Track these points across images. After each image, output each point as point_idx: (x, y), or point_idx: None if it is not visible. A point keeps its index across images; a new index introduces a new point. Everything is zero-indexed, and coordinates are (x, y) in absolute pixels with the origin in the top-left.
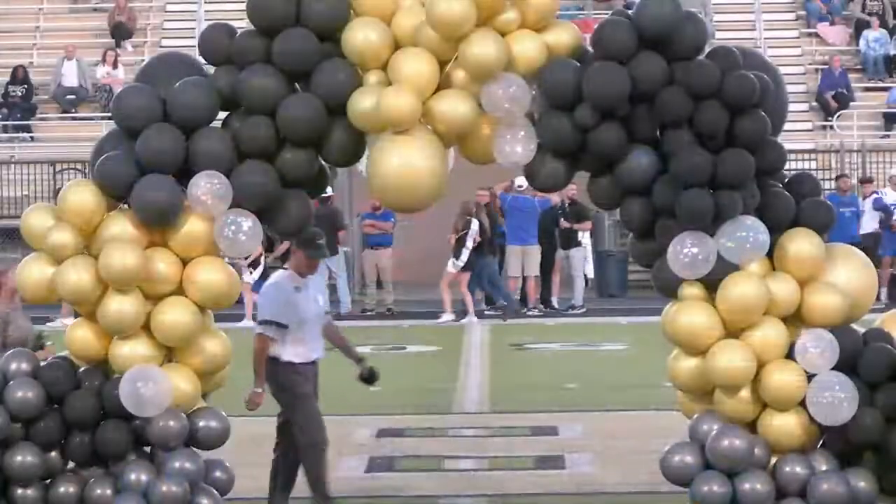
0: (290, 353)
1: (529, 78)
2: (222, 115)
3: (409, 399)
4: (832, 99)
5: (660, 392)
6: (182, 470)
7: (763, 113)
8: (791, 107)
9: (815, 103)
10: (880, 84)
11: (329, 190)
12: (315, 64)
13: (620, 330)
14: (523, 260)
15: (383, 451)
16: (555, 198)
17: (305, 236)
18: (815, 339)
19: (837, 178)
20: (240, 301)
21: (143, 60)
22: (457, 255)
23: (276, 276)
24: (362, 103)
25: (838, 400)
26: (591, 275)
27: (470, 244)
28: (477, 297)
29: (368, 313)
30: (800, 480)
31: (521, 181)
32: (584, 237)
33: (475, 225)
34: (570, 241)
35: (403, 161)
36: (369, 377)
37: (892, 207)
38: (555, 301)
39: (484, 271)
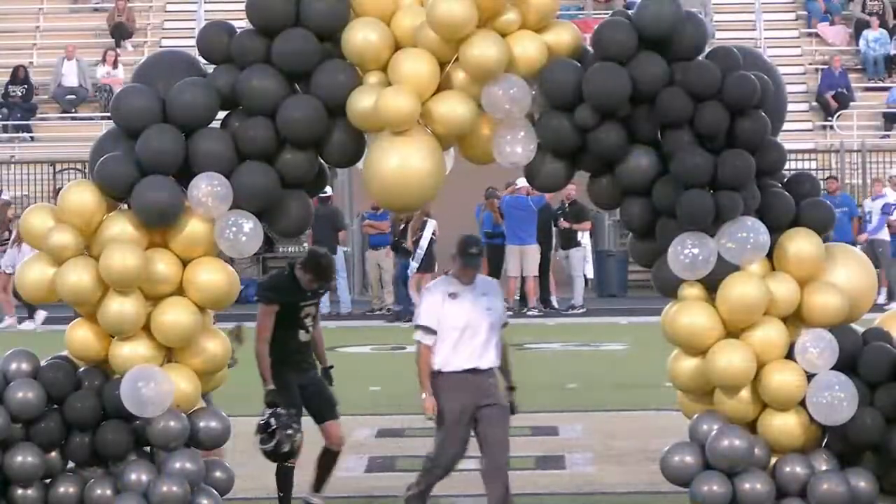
0: (439, 361)
1: (530, 78)
2: (221, 114)
3: (408, 399)
4: (832, 99)
5: (660, 392)
6: (182, 470)
7: (763, 113)
8: (791, 107)
9: (815, 103)
10: (880, 84)
11: (329, 190)
12: (315, 64)
13: (620, 330)
14: (521, 260)
15: (383, 451)
16: (548, 196)
17: (461, 243)
18: (814, 339)
19: (826, 179)
20: None
21: (142, 60)
22: (412, 257)
23: (436, 280)
24: (361, 102)
25: (838, 400)
26: (590, 275)
27: (424, 244)
28: None
29: (376, 313)
30: (799, 480)
31: (520, 181)
32: (584, 237)
33: (430, 225)
34: (570, 241)
35: (401, 161)
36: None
37: (893, 208)
38: (554, 301)
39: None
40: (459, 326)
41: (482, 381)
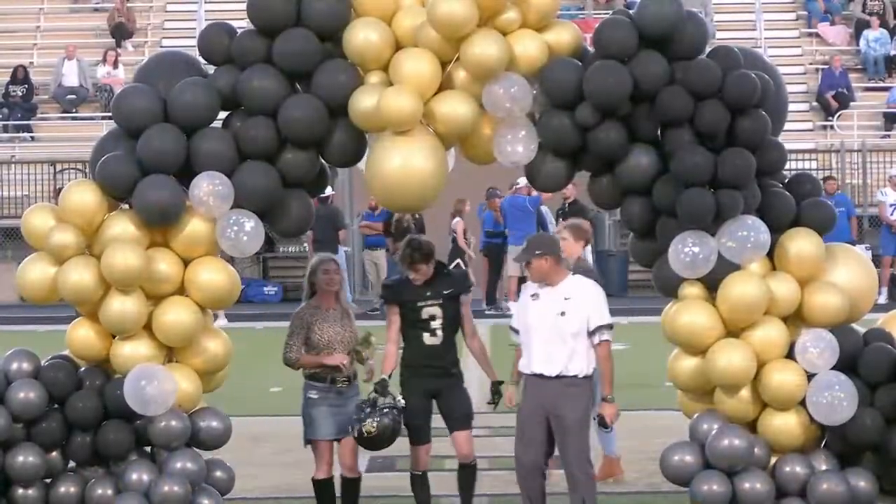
0: (520, 361)
1: (531, 77)
2: (222, 114)
3: None
4: (832, 99)
5: (660, 392)
6: (183, 470)
7: (764, 113)
8: (791, 107)
9: (815, 103)
10: (880, 84)
11: (329, 189)
12: (316, 64)
13: (620, 330)
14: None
15: (383, 450)
16: (545, 195)
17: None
18: (815, 339)
19: (824, 179)
20: None
21: (143, 60)
22: None
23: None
24: (363, 102)
25: (838, 400)
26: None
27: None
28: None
29: (377, 312)
30: (799, 480)
31: (521, 180)
32: None
33: (454, 224)
34: None
35: (403, 161)
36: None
37: (892, 208)
38: None
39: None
40: (528, 328)
41: (549, 389)
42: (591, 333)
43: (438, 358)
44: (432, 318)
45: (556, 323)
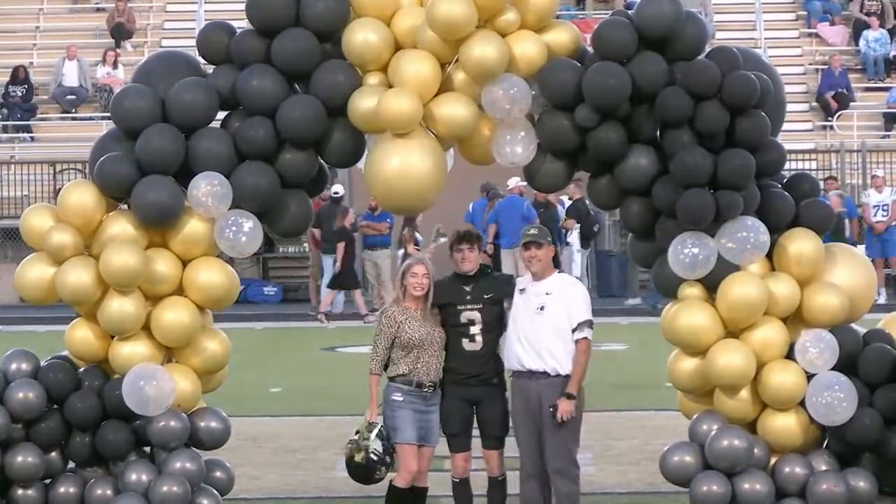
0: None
1: (530, 78)
2: (221, 114)
3: None
4: (832, 99)
5: (660, 392)
6: (183, 470)
7: (763, 113)
8: (791, 107)
9: (815, 103)
10: (880, 84)
11: (340, 190)
12: (315, 64)
13: (620, 330)
14: (517, 261)
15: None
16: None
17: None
18: (814, 339)
19: (825, 179)
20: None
21: (143, 60)
22: None
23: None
24: (363, 104)
25: (837, 400)
26: (577, 273)
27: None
28: None
29: (375, 313)
30: (799, 481)
31: (511, 181)
32: (573, 236)
33: None
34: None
35: (402, 162)
36: None
37: (875, 209)
38: None
39: None
40: (513, 322)
41: (533, 386)
42: (573, 330)
43: (478, 365)
44: (471, 322)
45: (535, 318)
